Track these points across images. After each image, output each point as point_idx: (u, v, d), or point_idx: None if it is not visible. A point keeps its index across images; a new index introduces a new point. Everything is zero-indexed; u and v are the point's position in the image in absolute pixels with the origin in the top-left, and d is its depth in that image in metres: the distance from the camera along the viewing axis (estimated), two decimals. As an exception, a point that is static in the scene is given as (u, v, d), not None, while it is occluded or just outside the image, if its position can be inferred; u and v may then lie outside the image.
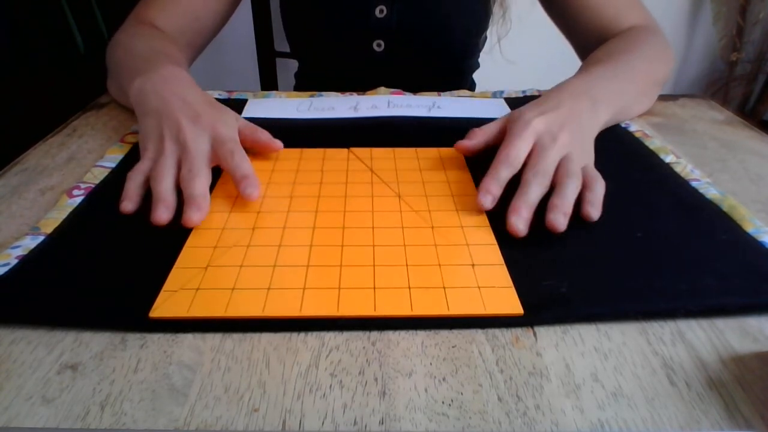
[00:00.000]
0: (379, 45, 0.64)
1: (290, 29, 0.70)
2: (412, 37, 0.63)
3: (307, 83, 0.77)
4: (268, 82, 1.32)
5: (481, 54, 0.78)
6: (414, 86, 0.63)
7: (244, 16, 0.75)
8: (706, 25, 1.30)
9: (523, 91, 0.66)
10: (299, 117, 0.58)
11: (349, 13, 0.62)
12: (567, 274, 0.34)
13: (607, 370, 0.29)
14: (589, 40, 0.61)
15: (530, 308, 0.32)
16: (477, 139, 0.45)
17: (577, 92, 0.46)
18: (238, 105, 0.60)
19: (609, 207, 0.42)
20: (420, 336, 0.31)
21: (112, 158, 0.48)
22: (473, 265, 0.35)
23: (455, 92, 0.65)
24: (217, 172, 0.46)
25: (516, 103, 0.61)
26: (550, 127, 0.42)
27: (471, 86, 0.79)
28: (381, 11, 0.61)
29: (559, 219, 0.37)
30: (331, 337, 0.30)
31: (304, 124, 0.56)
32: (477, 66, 0.77)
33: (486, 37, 0.71)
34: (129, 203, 0.39)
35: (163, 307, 0.31)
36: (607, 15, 0.60)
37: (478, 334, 0.31)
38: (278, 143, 0.47)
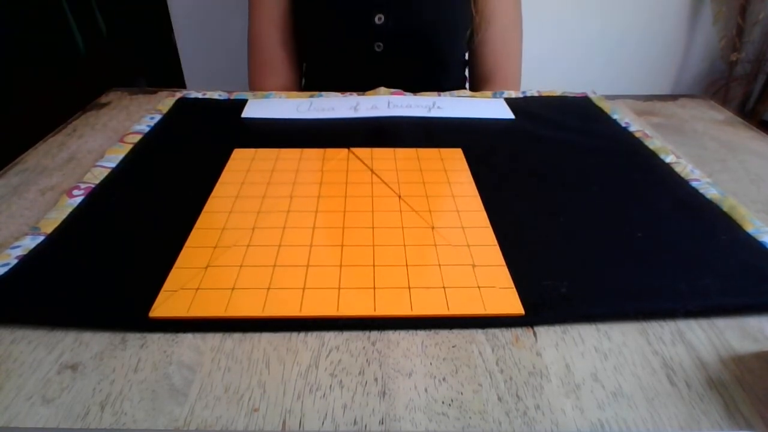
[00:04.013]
0: (378, 46, 0.71)
1: (301, 33, 0.76)
2: (406, 38, 0.71)
3: (313, 81, 0.82)
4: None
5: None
6: (410, 78, 0.69)
7: (245, 16, 0.75)
8: (706, 25, 1.30)
9: (524, 92, 0.66)
10: (299, 117, 0.58)
11: (352, 20, 0.70)
12: (567, 274, 0.34)
13: (607, 370, 0.29)
14: (478, 70, 0.79)
15: (530, 308, 0.32)
16: None
17: None
18: (238, 105, 0.60)
19: (609, 207, 0.42)
20: (420, 336, 0.31)
21: (112, 158, 0.48)
22: (474, 265, 0.35)
23: (455, 92, 0.65)
24: (216, 173, 0.46)
25: (516, 103, 0.62)
26: None
27: (461, 78, 0.84)
28: (379, 18, 0.69)
29: None
30: (331, 337, 0.30)
31: (304, 124, 0.56)
32: (465, 59, 0.83)
33: (471, 33, 0.77)
34: None
35: (163, 307, 0.31)
36: (496, 58, 0.77)
37: (478, 334, 0.31)
38: None
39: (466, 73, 0.84)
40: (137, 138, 0.52)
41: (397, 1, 0.69)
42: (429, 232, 0.38)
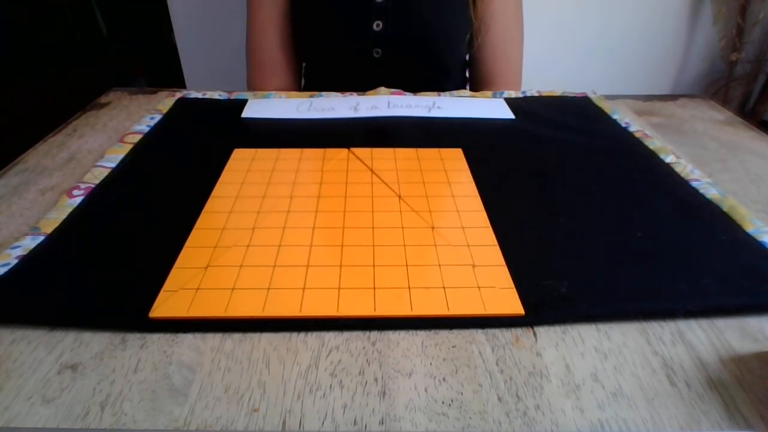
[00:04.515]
0: (377, 52, 0.72)
1: (300, 38, 0.77)
2: (404, 44, 0.71)
3: (312, 81, 0.82)
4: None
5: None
6: (410, 82, 0.68)
7: (245, 16, 0.75)
8: (706, 25, 1.29)
9: (524, 92, 0.66)
10: (299, 117, 0.58)
11: (351, 27, 0.71)
12: (567, 274, 0.34)
13: (607, 370, 0.29)
14: (479, 73, 0.79)
15: (530, 308, 0.32)
16: None
17: None
18: (238, 105, 0.60)
19: (609, 207, 0.42)
20: (420, 336, 0.31)
21: (112, 158, 0.48)
22: (474, 265, 0.35)
23: (455, 92, 0.65)
24: (216, 173, 0.46)
25: (516, 103, 0.62)
26: None
27: (462, 80, 0.85)
28: (378, 25, 0.70)
29: None
30: (331, 337, 0.30)
31: (304, 124, 0.56)
32: (465, 62, 0.83)
33: (471, 37, 0.77)
34: None
35: (163, 307, 0.31)
36: (500, 62, 0.77)
37: (478, 334, 0.31)
38: None
39: (467, 74, 0.84)
40: (137, 138, 0.52)
41: (396, 7, 0.69)
42: (429, 232, 0.38)
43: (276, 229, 0.39)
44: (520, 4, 0.76)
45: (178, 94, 0.62)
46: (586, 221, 0.40)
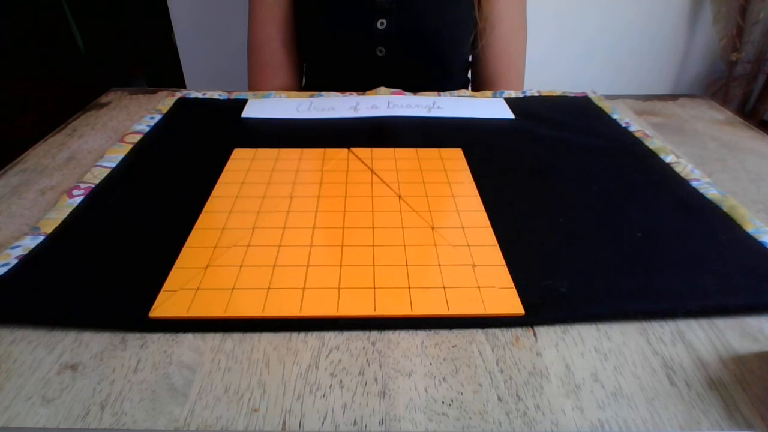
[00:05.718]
0: (380, 51, 0.72)
1: (302, 37, 0.77)
2: (408, 43, 0.71)
3: (314, 81, 0.82)
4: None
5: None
6: (412, 82, 0.68)
7: (245, 16, 0.75)
8: (706, 25, 1.30)
9: (524, 92, 0.66)
10: (299, 117, 0.58)
11: (354, 25, 0.71)
12: (567, 274, 0.34)
13: (607, 370, 0.29)
14: (482, 73, 0.79)
15: (530, 308, 0.32)
16: None
17: None
18: (238, 105, 0.60)
19: (609, 207, 0.42)
20: (420, 336, 0.31)
21: (112, 158, 0.48)
22: (474, 265, 0.35)
23: (455, 92, 0.65)
24: (216, 173, 0.46)
25: (516, 103, 0.62)
26: None
27: (464, 81, 0.85)
28: (381, 23, 0.70)
29: None
30: (331, 337, 0.30)
31: (304, 124, 0.56)
32: (468, 62, 0.83)
33: (475, 38, 0.77)
34: None
35: (163, 307, 0.31)
36: (503, 62, 0.77)
37: (478, 334, 0.31)
38: None
39: (469, 75, 0.84)
40: (137, 138, 0.52)
41: (400, 6, 0.69)
42: (429, 232, 0.38)
43: (276, 229, 0.39)
44: (525, 5, 0.76)
45: (178, 94, 0.62)
46: (586, 221, 0.40)
